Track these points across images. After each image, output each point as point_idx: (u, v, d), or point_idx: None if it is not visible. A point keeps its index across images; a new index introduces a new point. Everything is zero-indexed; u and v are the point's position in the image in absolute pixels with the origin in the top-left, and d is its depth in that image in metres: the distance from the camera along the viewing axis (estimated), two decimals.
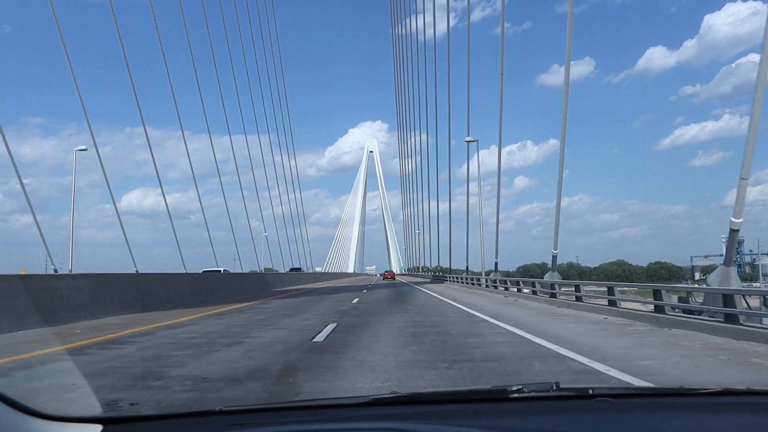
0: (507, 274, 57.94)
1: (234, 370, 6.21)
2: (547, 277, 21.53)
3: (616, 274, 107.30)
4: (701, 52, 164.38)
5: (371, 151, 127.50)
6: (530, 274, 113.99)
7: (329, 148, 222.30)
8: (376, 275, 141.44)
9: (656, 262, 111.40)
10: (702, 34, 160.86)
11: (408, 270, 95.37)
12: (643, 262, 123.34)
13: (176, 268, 28.34)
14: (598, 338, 9.01)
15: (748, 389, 1.93)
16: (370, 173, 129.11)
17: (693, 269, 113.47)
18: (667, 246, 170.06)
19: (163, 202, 29.82)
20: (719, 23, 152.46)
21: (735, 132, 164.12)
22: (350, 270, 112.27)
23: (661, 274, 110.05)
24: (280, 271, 47.37)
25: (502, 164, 27.46)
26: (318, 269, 77.13)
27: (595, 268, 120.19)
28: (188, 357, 7.15)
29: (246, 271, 41.85)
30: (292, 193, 56.69)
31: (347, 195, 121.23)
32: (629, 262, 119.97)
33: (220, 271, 31.87)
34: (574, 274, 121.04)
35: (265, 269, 48.20)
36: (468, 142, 34.73)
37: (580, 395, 1.87)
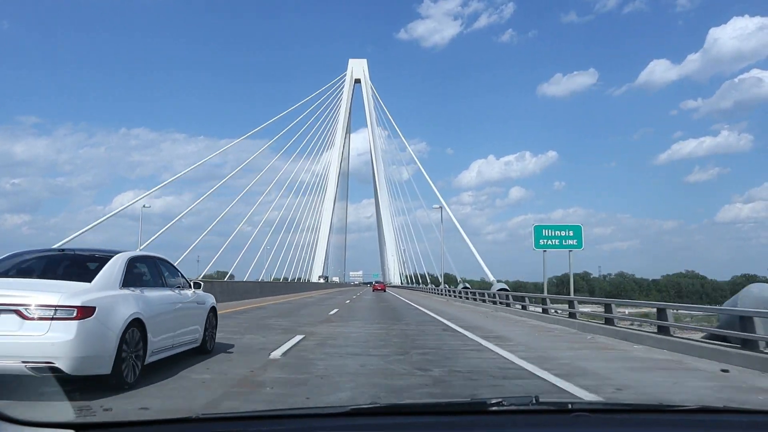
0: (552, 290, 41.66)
1: None
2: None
3: (693, 289, 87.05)
4: (704, 66, 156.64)
5: (357, 80, 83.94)
6: (575, 287, 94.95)
7: (325, 153, 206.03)
8: (354, 282, 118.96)
9: (743, 275, 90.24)
10: (706, 48, 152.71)
11: (414, 278, 73.65)
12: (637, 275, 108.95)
13: None
14: None
15: (725, 407, 1.97)
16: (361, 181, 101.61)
17: None
18: (659, 261, 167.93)
19: (155, 205, 27.05)
20: (725, 37, 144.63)
21: (732, 148, 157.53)
22: (313, 278, 76.90)
23: None
24: None
25: (498, 175, 24.13)
26: None
27: (655, 280, 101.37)
28: None
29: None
30: None
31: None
32: (701, 274, 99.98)
33: None
34: (632, 286, 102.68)
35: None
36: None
37: (559, 409, 1.89)
